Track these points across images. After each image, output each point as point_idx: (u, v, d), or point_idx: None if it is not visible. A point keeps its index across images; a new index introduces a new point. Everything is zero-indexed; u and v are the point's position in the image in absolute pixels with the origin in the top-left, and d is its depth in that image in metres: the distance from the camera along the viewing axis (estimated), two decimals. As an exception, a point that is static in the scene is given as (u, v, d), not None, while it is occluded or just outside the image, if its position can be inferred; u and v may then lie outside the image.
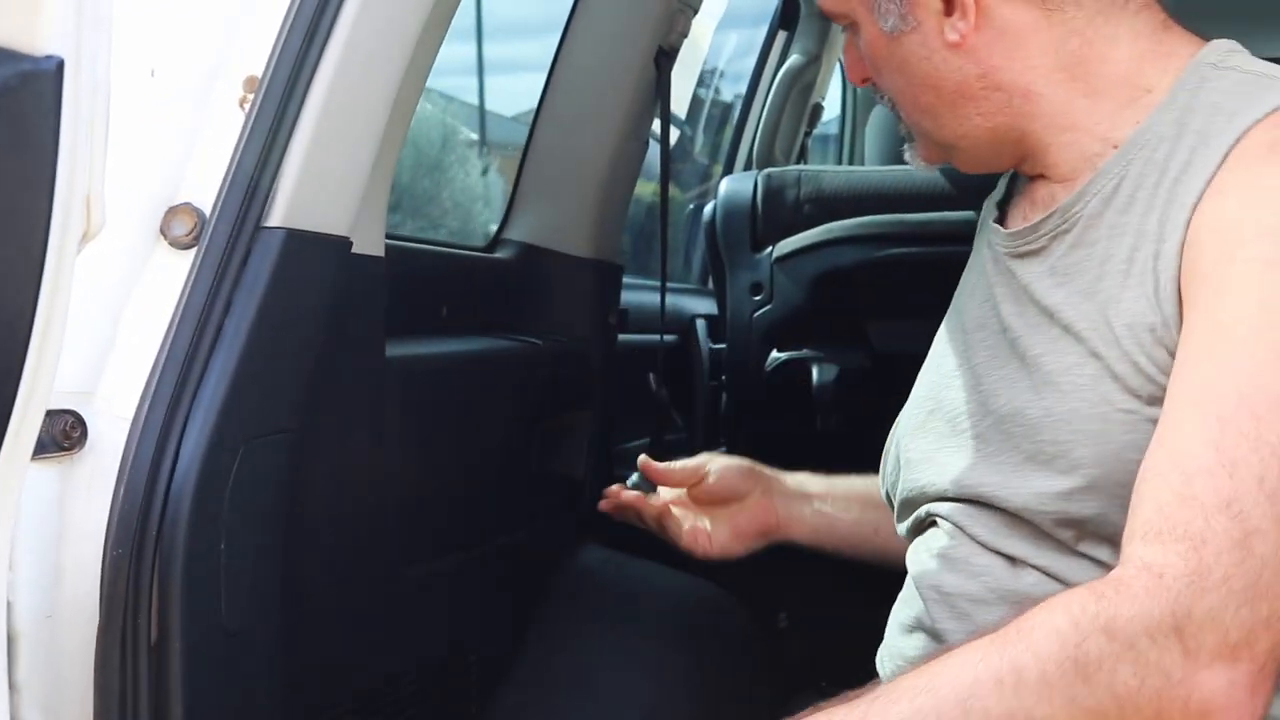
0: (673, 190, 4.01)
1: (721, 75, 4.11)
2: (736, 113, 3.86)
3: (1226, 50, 1.47)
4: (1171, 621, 1.18)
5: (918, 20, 1.48)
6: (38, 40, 0.95)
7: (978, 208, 2.82)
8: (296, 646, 1.49)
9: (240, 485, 1.35)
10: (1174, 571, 1.20)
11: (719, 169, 3.96)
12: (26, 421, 1.01)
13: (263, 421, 1.39)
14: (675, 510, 1.98)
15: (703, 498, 1.99)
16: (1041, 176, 1.53)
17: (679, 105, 3.99)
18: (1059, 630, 1.22)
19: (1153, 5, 1.49)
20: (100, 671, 1.28)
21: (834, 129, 4.44)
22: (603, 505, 2.03)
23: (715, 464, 2.00)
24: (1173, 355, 1.32)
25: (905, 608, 1.57)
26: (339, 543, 1.65)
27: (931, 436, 1.56)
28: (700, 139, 4.12)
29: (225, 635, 1.36)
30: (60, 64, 0.95)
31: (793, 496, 1.99)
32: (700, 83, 3.97)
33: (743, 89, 3.92)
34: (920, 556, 1.54)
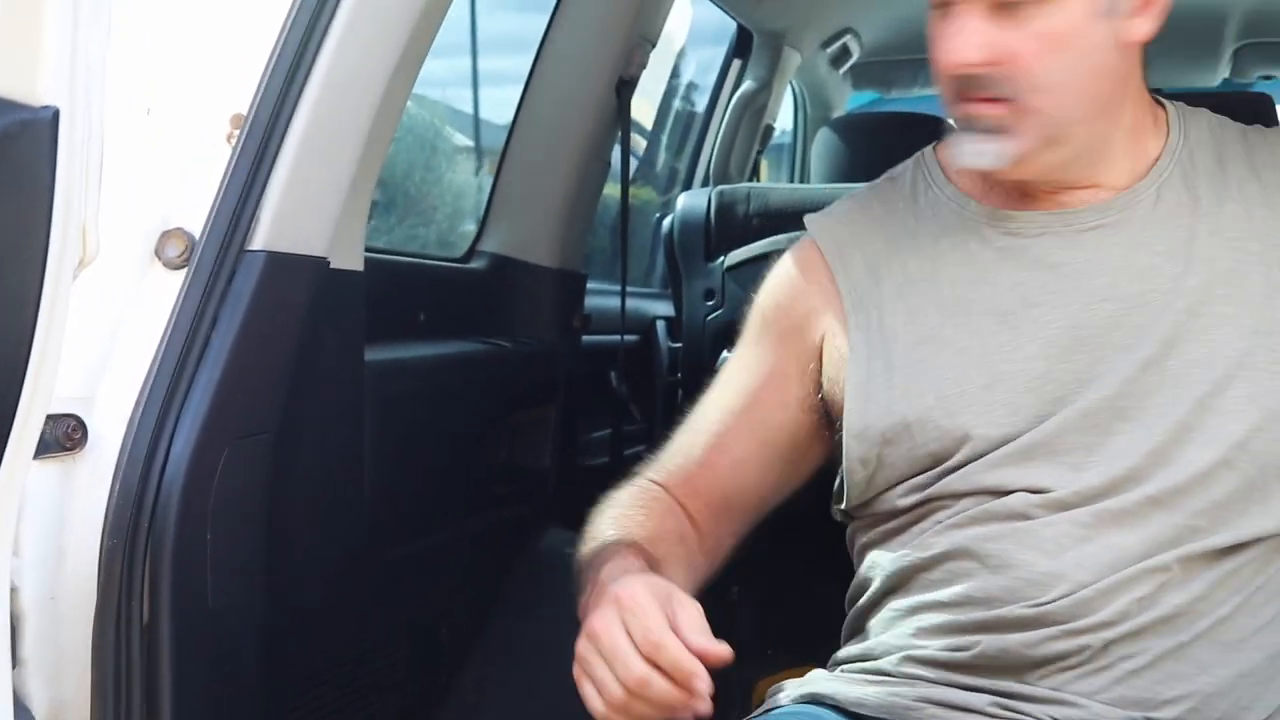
0: (644, 195, 4.05)
1: (686, 92, 4.13)
2: (696, 126, 3.88)
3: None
4: None
5: (1128, 10, 1.44)
6: (35, 91, 0.97)
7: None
8: (278, 625, 1.52)
9: (225, 481, 1.37)
10: None
11: (683, 172, 3.98)
12: (28, 426, 1.03)
13: (246, 424, 1.41)
14: None
15: None
16: (1091, 185, 1.50)
17: (646, 120, 4.01)
18: None
19: None
20: (97, 649, 1.30)
21: (786, 139, 4.45)
22: None
23: None
24: None
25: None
26: (319, 529, 1.67)
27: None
28: (663, 153, 4.13)
29: (211, 616, 1.38)
30: (56, 113, 0.97)
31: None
32: (664, 100, 3.98)
33: (703, 102, 3.95)
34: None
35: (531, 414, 2.33)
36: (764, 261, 2.90)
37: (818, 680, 1.54)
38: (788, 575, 3.11)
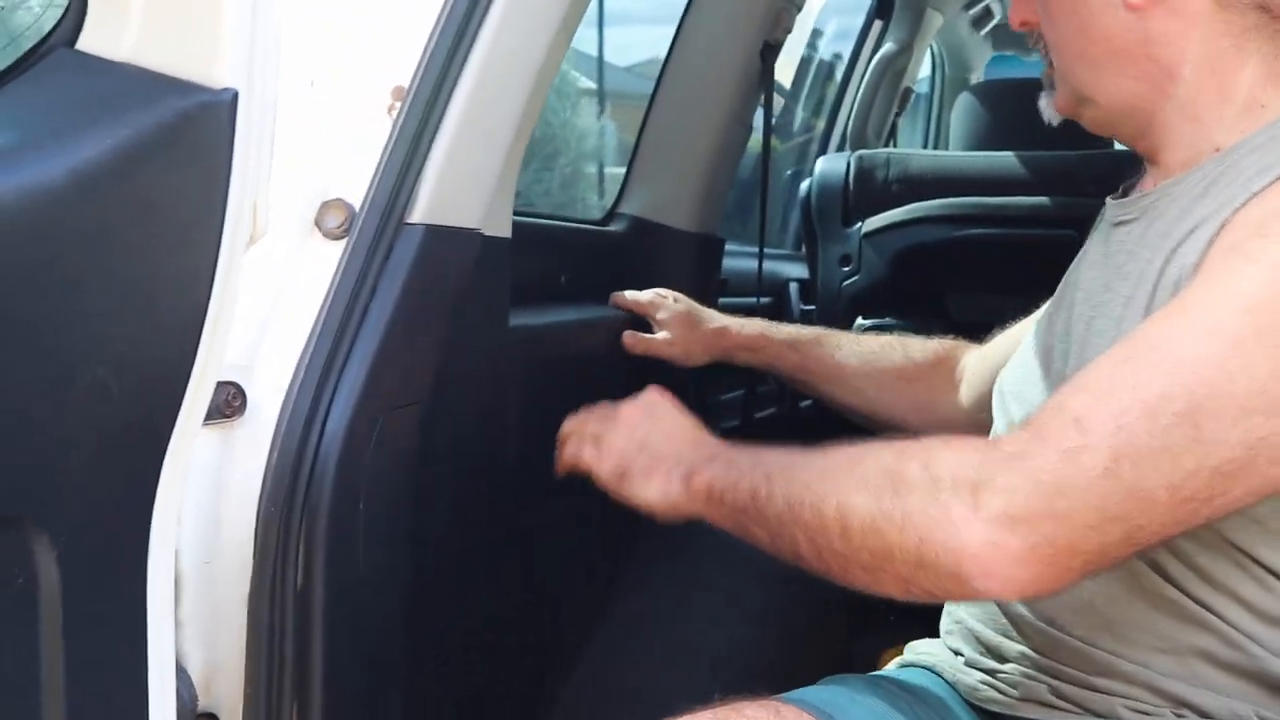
0: (780, 153, 4.02)
1: (826, 53, 4.09)
2: (833, 91, 3.84)
3: None
4: (974, 477, 1.20)
5: None
6: (215, 74, 0.97)
7: (1052, 193, 2.82)
8: (420, 592, 1.53)
9: (379, 451, 1.38)
10: (1006, 448, 1.23)
11: (816, 135, 3.95)
12: (200, 394, 1.05)
13: (400, 394, 1.42)
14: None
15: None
16: (1154, 163, 1.50)
17: (785, 78, 3.98)
18: (903, 450, 1.27)
19: None
20: (252, 613, 1.31)
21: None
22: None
23: (664, 311, 2.15)
24: None
25: None
26: (460, 495, 1.68)
27: (1034, 389, 1.54)
28: (799, 111, 4.10)
29: (361, 583, 1.39)
30: (235, 95, 0.98)
31: (752, 326, 2.17)
32: (802, 62, 3.96)
33: (840, 67, 3.91)
34: None
35: (668, 378, 2.32)
36: (903, 229, 2.90)
37: (936, 649, 1.60)
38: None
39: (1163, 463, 1.17)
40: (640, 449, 1.53)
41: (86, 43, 0.97)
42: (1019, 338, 1.81)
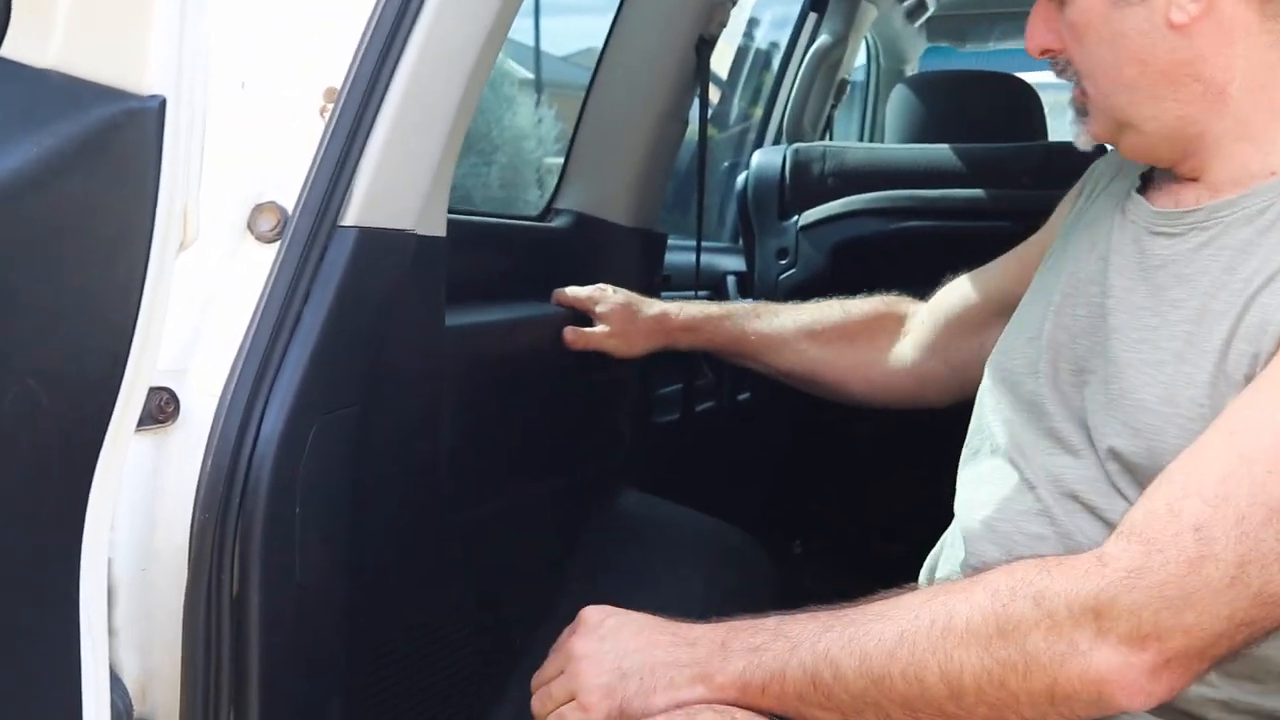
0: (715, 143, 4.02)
1: (759, 47, 4.10)
2: (770, 81, 3.85)
3: None
4: (1094, 603, 1.19)
5: None
6: (143, 80, 0.97)
7: (987, 185, 2.84)
8: (359, 595, 1.52)
9: (314, 455, 1.37)
10: (1119, 564, 1.21)
11: (753, 125, 3.96)
12: (132, 400, 1.04)
13: (335, 398, 1.41)
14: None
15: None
16: (1195, 180, 1.45)
17: (721, 68, 3.99)
18: (997, 589, 1.24)
19: None
20: (188, 621, 1.30)
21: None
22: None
23: (603, 304, 2.15)
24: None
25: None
26: (397, 496, 1.67)
27: (1040, 383, 1.51)
28: (736, 102, 4.11)
29: (298, 589, 1.39)
30: (163, 102, 0.97)
31: (690, 308, 2.18)
32: (738, 54, 3.97)
33: (777, 56, 3.91)
34: None
35: (608, 375, 2.32)
36: (839, 222, 2.91)
37: None
38: (852, 532, 3.12)
39: None
40: (623, 677, 1.37)
41: (10, 49, 0.96)
42: (981, 289, 1.81)
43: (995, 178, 2.81)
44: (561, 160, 2.51)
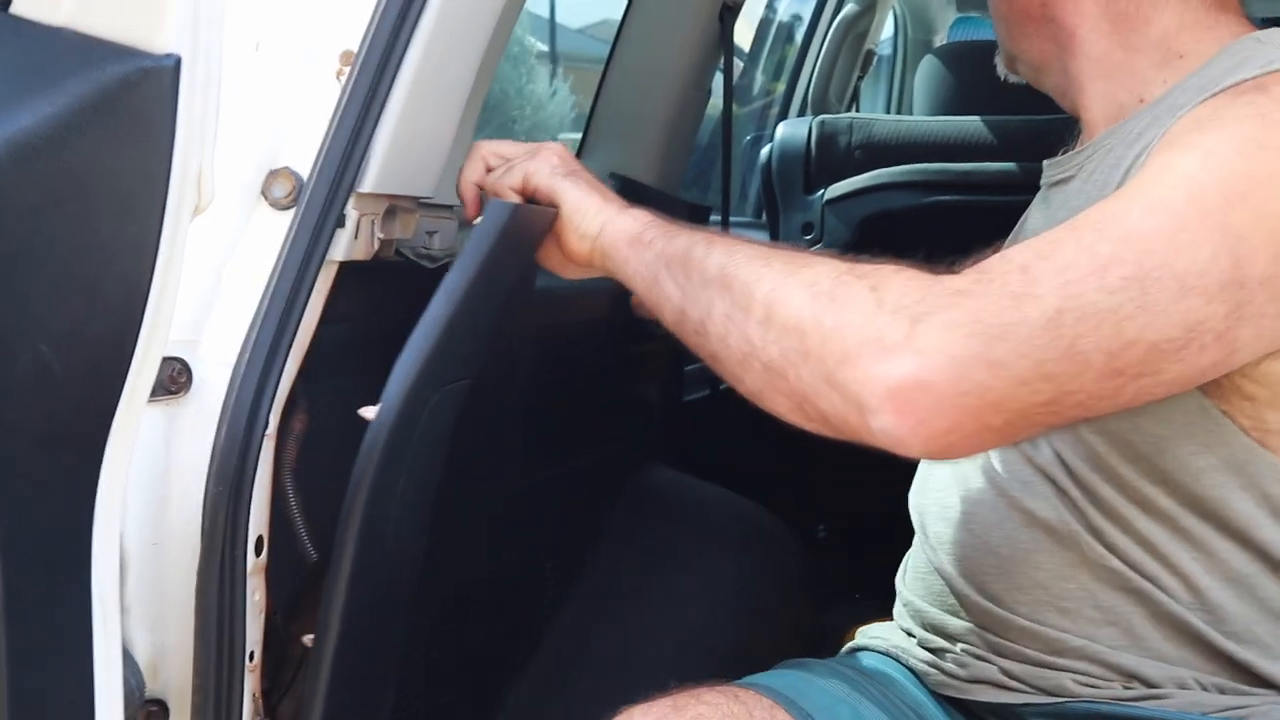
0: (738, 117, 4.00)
1: (782, 20, 4.08)
2: (793, 54, 3.83)
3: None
4: (917, 309, 1.18)
5: None
6: (158, 39, 0.96)
7: (1020, 159, 2.82)
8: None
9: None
10: (949, 283, 1.20)
11: (776, 99, 3.94)
12: (144, 370, 1.03)
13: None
14: None
15: None
16: (1081, 118, 1.54)
17: (744, 41, 3.97)
18: (856, 268, 1.25)
19: None
20: (200, 596, 1.30)
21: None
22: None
23: None
24: None
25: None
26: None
27: None
28: (759, 75, 4.09)
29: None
30: (178, 61, 0.96)
31: None
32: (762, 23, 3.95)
33: (801, 29, 3.90)
34: None
35: (641, 347, 2.31)
36: (866, 196, 2.89)
37: (889, 632, 1.62)
38: (876, 518, 3.11)
39: (1105, 325, 1.16)
40: (581, 168, 1.56)
41: (21, 7, 0.95)
42: None
43: (1028, 150, 2.79)
44: (578, 135, 2.50)
